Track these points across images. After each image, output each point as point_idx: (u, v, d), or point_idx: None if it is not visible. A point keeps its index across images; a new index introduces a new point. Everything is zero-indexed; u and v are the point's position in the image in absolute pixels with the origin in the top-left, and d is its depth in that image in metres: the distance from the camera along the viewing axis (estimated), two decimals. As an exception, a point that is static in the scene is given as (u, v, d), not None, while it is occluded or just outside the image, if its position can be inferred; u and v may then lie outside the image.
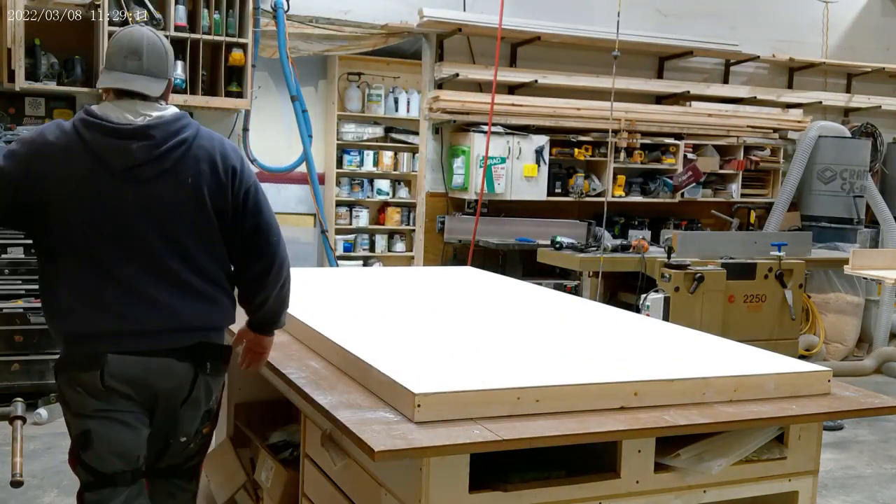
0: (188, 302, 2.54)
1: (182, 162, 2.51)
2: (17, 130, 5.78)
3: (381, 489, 2.46)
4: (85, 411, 2.52)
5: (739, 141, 8.02)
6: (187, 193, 2.51)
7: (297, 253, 8.86)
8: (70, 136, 2.48)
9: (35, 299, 5.58)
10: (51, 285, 2.54)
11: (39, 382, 5.64)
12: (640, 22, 7.54)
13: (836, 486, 4.84)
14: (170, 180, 2.50)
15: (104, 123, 2.48)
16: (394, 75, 9.11)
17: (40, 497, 4.29)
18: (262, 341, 2.85)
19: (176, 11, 5.86)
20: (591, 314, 3.78)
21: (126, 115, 2.50)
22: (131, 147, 2.47)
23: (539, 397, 2.38)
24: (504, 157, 7.12)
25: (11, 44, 5.59)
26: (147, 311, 2.49)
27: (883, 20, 9.00)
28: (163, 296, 2.51)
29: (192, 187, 2.51)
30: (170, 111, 2.58)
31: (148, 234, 2.49)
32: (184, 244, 2.54)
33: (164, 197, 2.50)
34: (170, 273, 2.52)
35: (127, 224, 2.48)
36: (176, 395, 2.60)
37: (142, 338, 2.49)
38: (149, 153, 2.48)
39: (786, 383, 2.66)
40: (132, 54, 2.54)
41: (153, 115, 2.52)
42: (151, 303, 2.50)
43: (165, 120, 2.53)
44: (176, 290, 2.53)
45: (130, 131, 2.48)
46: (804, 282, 6.66)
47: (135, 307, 2.48)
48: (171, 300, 2.52)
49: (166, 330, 2.52)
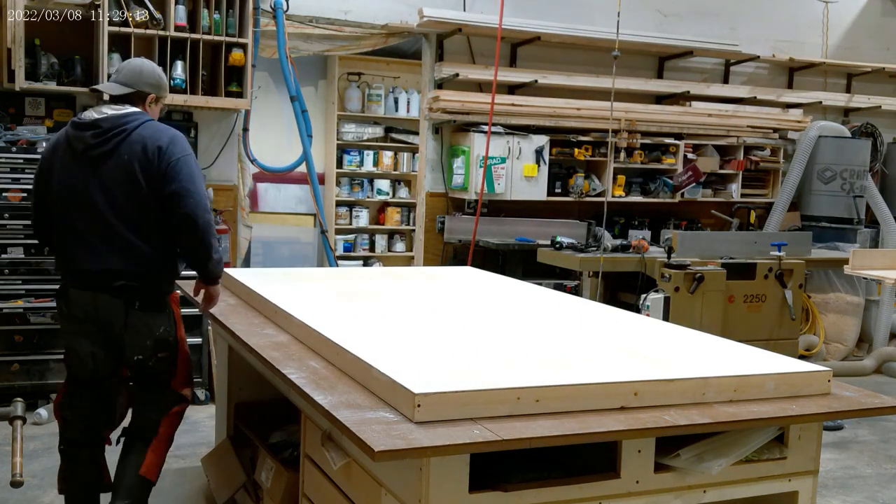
0: (117, 253, 3.39)
1: (122, 145, 3.39)
2: (17, 130, 5.78)
3: (381, 489, 2.46)
4: (63, 329, 3.60)
5: (739, 141, 8.02)
6: (125, 168, 3.38)
7: (296, 252, 8.91)
8: (61, 134, 3.54)
9: (35, 299, 5.58)
10: (54, 240, 3.58)
11: (39, 382, 5.64)
12: (640, 22, 7.55)
13: (836, 486, 4.84)
14: (113, 159, 3.39)
15: (77, 121, 3.48)
16: (394, 75, 9.11)
17: (40, 497, 4.29)
18: (207, 289, 3.67)
19: (176, 11, 5.85)
20: (591, 314, 3.78)
21: (92, 114, 3.45)
22: (86, 135, 3.42)
23: (539, 397, 2.39)
24: (504, 157, 7.12)
25: (11, 44, 5.59)
26: (91, 259, 3.41)
27: (883, 20, 9.00)
28: (102, 247, 3.40)
29: (127, 162, 3.37)
30: (125, 110, 3.46)
31: (97, 199, 3.38)
32: (121, 206, 3.38)
33: (107, 171, 3.39)
34: (109, 229, 3.39)
35: (84, 191, 3.40)
36: (114, 322, 3.45)
37: (87, 278, 3.43)
38: (96, 139, 3.40)
39: (786, 383, 2.66)
40: (117, 71, 3.63)
41: (108, 113, 3.44)
42: (95, 252, 3.40)
43: (116, 115, 3.44)
44: (111, 243, 3.39)
45: (88, 124, 3.43)
46: (804, 282, 6.66)
47: (85, 255, 3.42)
48: (105, 251, 3.40)
49: (101, 272, 3.40)
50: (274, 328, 3.44)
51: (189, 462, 4.84)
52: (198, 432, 5.40)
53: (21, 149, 5.59)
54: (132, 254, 3.41)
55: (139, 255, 3.42)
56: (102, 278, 3.40)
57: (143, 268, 3.44)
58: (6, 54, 5.66)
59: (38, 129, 5.90)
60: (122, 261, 3.40)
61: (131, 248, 3.40)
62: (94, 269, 3.40)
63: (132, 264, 3.41)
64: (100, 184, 3.38)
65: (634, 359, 2.82)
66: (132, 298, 3.44)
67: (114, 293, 3.41)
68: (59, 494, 3.69)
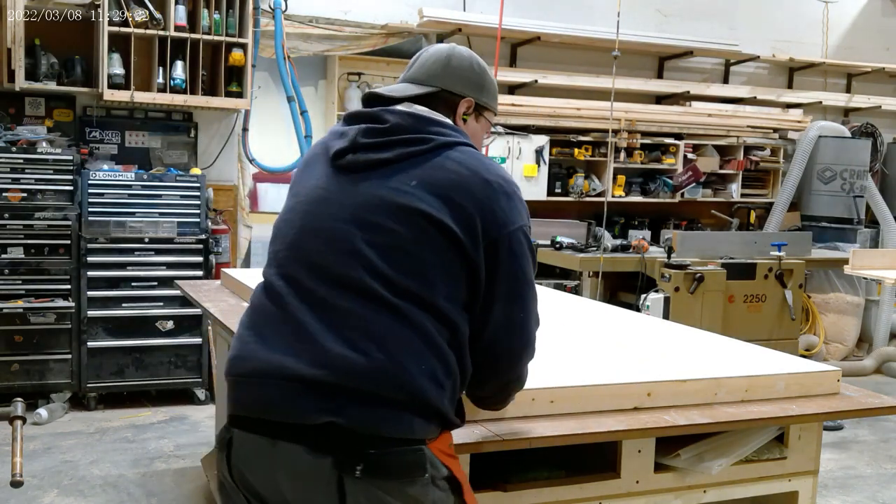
0: None
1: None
2: (17, 130, 5.78)
3: (381, 489, 2.46)
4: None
5: (739, 141, 8.02)
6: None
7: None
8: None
9: (35, 299, 5.58)
10: None
11: (39, 382, 5.65)
12: (640, 22, 7.54)
13: (836, 486, 4.83)
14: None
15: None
16: (394, 75, 9.09)
17: (40, 497, 4.29)
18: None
19: (176, 11, 5.85)
20: (594, 314, 3.78)
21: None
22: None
23: (554, 398, 2.37)
24: (504, 157, 7.12)
25: (11, 44, 5.59)
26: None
27: (883, 20, 8.99)
28: None
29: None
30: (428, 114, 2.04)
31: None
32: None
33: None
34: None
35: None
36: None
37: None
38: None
39: (796, 383, 2.65)
40: (409, 65, 2.25)
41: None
42: None
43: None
44: None
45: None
46: (804, 282, 6.66)
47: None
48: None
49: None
50: (274, 328, 3.43)
51: (189, 462, 4.84)
52: (198, 432, 5.40)
53: (21, 149, 5.59)
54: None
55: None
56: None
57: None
58: (6, 54, 5.66)
59: (38, 129, 5.91)
60: None
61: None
62: None
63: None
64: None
65: (645, 359, 2.81)
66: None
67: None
68: (58, 494, 3.68)
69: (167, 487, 4.52)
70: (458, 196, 1.80)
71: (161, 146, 6.32)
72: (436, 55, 2.10)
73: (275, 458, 1.73)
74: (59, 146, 5.80)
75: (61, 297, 5.64)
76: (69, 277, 5.65)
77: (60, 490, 4.40)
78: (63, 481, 4.51)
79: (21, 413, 2.53)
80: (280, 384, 1.72)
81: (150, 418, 5.67)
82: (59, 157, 5.64)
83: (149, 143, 6.29)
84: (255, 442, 1.76)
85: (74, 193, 5.64)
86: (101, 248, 5.69)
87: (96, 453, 4.96)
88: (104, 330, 5.77)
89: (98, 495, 4.36)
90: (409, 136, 1.87)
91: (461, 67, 2.07)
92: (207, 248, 5.93)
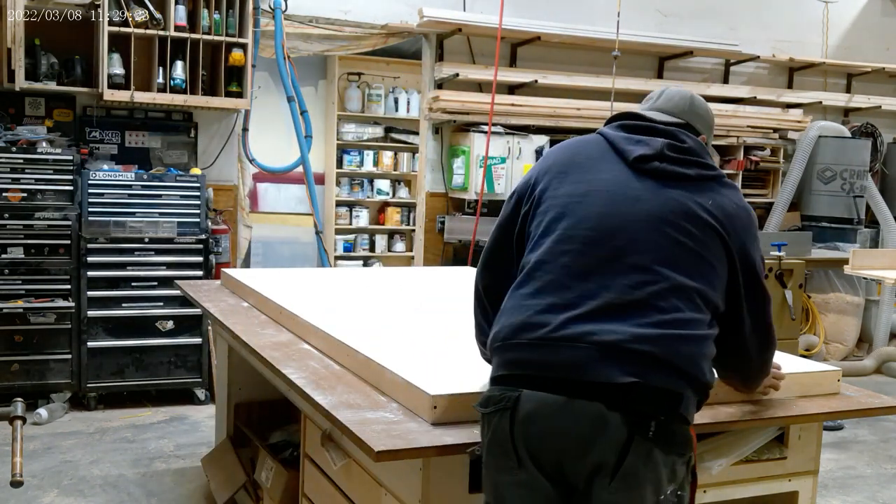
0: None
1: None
2: (17, 130, 5.78)
3: (381, 489, 2.46)
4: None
5: (739, 141, 8.02)
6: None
7: (296, 252, 8.91)
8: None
9: (35, 299, 5.58)
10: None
11: (39, 382, 5.65)
12: (640, 22, 7.54)
13: (836, 486, 4.83)
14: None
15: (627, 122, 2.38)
16: (394, 75, 9.11)
17: (40, 497, 4.29)
18: None
19: (176, 11, 5.85)
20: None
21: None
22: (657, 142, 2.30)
23: None
24: (504, 157, 7.12)
25: (11, 44, 5.59)
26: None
27: (883, 20, 8.99)
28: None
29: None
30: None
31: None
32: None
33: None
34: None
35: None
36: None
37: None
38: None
39: (796, 383, 2.66)
40: (648, 98, 2.43)
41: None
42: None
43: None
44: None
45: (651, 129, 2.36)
46: (804, 282, 6.65)
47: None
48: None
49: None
50: (274, 328, 3.44)
51: (189, 462, 4.85)
52: (198, 432, 5.40)
53: (21, 149, 5.59)
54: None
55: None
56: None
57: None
58: (6, 54, 5.66)
59: (38, 129, 5.90)
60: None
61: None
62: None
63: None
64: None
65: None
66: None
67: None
68: (58, 494, 3.68)
69: (167, 487, 4.52)
70: (731, 224, 2.13)
71: (161, 146, 6.32)
72: (680, 93, 2.38)
73: (566, 415, 1.91)
74: (59, 146, 5.80)
75: (61, 297, 5.64)
76: (69, 277, 5.65)
77: (60, 490, 4.40)
78: (63, 481, 4.52)
79: (21, 413, 2.53)
80: (589, 348, 1.93)
81: (150, 418, 5.67)
82: (59, 157, 5.64)
83: (149, 143, 6.29)
84: (548, 400, 1.93)
85: (74, 193, 5.64)
86: (101, 248, 5.69)
87: (96, 453, 4.96)
88: (104, 330, 5.77)
89: (98, 495, 4.36)
90: (702, 160, 2.19)
91: (702, 108, 2.37)
92: (207, 248, 5.94)
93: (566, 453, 1.93)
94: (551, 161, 2.26)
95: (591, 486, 1.92)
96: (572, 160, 2.22)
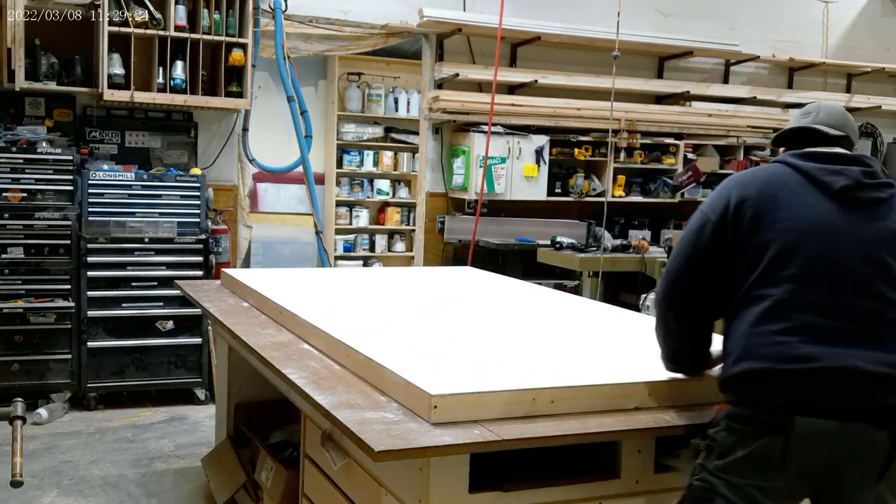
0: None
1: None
2: (17, 130, 5.78)
3: (381, 489, 2.46)
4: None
5: (739, 141, 8.02)
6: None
7: (297, 252, 8.91)
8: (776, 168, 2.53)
9: (35, 299, 5.58)
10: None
11: (39, 382, 5.65)
12: (640, 22, 7.54)
13: (836, 486, 4.82)
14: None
15: (816, 152, 2.49)
16: (394, 75, 9.11)
17: (40, 497, 4.29)
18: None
19: (176, 11, 5.85)
20: (594, 314, 3.78)
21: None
22: (853, 170, 2.43)
23: (555, 398, 2.37)
24: (504, 157, 7.12)
25: (11, 44, 5.59)
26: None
27: (883, 20, 8.99)
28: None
29: None
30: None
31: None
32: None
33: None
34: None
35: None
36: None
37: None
38: (868, 178, 2.42)
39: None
40: (806, 112, 2.55)
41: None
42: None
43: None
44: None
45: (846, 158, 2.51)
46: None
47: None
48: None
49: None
50: (274, 328, 3.44)
51: (189, 462, 4.85)
52: (198, 432, 5.41)
53: (21, 149, 5.59)
54: None
55: None
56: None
57: None
58: (6, 54, 5.66)
59: (38, 129, 5.91)
60: None
61: None
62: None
63: None
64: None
65: (646, 359, 2.81)
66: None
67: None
68: (58, 494, 3.68)
69: (167, 487, 4.52)
70: None
71: (161, 146, 6.32)
72: (837, 108, 2.53)
73: (837, 437, 2.14)
74: (59, 146, 5.80)
75: (61, 297, 5.64)
76: (69, 277, 5.66)
77: (60, 490, 4.40)
78: (63, 481, 4.52)
79: (21, 413, 2.53)
80: (854, 378, 2.14)
81: (150, 418, 5.67)
82: (59, 157, 5.64)
83: (149, 143, 6.29)
84: (823, 426, 2.14)
85: (74, 193, 5.64)
86: (101, 248, 5.69)
87: (96, 453, 4.96)
88: (104, 330, 5.77)
89: (98, 495, 4.36)
90: (887, 180, 2.35)
91: (852, 121, 2.54)
92: (207, 248, 5.94)
93: (837, 471, 2.17)
94: (753, 192, 2.33)
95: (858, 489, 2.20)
96: (776, 194, 2.32)
